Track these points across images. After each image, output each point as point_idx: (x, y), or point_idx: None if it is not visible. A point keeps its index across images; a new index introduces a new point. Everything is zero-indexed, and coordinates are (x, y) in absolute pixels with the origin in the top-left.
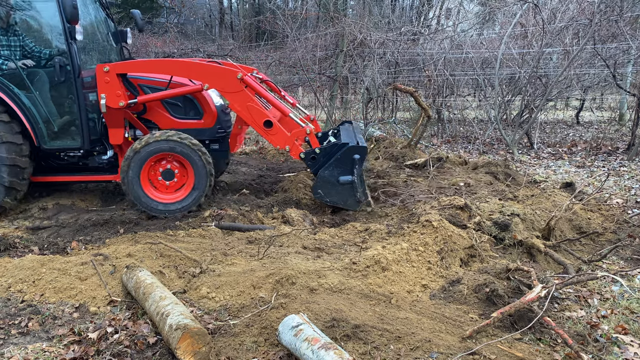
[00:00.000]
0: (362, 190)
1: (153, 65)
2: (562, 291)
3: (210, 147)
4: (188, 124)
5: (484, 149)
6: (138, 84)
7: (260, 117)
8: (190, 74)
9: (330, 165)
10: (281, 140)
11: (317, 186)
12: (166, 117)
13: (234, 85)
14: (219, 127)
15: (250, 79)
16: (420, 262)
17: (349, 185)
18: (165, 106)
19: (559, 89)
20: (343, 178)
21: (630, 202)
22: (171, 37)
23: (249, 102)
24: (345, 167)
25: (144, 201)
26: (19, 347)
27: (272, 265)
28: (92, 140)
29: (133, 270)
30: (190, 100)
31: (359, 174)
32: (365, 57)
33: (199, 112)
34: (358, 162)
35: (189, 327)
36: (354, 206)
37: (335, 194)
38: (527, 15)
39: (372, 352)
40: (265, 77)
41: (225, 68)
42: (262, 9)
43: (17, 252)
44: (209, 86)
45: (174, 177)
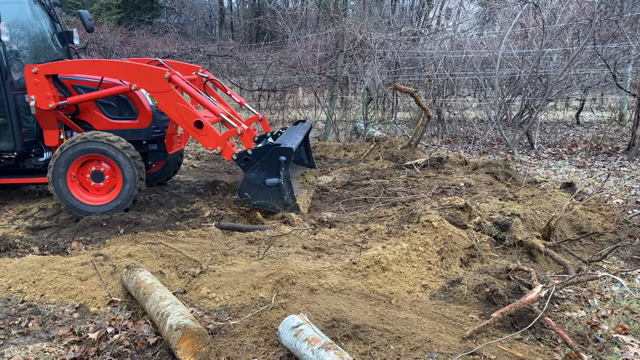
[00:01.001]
0: (290, 193)
1: (82, 66)
2: (562, 291)
3: (148, 147)
4: (123, 124)
5: (484, 149)
6: (71, 85)
7: (190, 118)
8: (118, 74)
9: (256, 167)
10: (212, 141)
11: (244, 188)
12: (101, 118)
13: (162, 85)
14: (154, 127)
15: (179, 78)
16: (420, 262)
17: (276, 188)
18: (100, 107)
19: (559, 89)
20: (269, 180)
21: (630, 202)
22: (171, 37)
23: (177, 102)
24: (272, 169)
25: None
26: (19, 348)
27: (272, 265)
28: (28, 142)
29: (133, 270)
30: (125, 100)
31: (286, 177)
32: (365, 57)
33: (133, 112)
34: (284, 164)
35: (189, 327)
36: (282, 209)
37: (262, 197)
38: (527, 16)
39: (372, 352)
40: (211, 76)
41: (152, 67)
42: (262, 9)
43: (17, 252)
44: (137, 86)
45: (104, 179)
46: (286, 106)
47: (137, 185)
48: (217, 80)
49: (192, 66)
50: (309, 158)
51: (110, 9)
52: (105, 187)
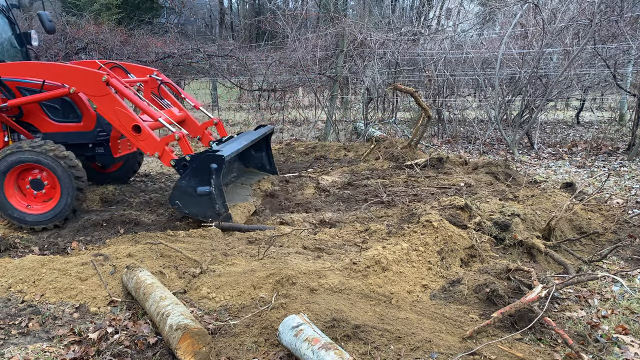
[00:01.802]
0: (222, 203)
1: (23, 68)
2: (562, 291)
3: (95, 150)
4: (68, 127)
5: (484, 149)
6: (16, 87)
7: (128, 122)
8: (57, 77)
9: (187, 174)
10: (151, 146)
11: (174, 196)
12: (46, 121)
13: (99, 88)
14: (99, 130)
15: (117, 82)
16: (420, 262)
17: (207, 197)
18: (44, 110)
19: (559, 89)
20: (200, 189)
21: (630, 202)
22: (171, 37)
23: (115, 106)
24: (203, 177)
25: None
26: (19, 348)
27: (272, 265)
28: None
29: (133, 270)
30: (69, 103)
31: (217, 185)
32: (365, 57)
33: (77, 115)
34: (215, 172)
35: (189, 327)
36: (214, 218)
37: (194, 205)
38: (527, 16)
39: (373, 352)
40: (166, 79)
41: (90, 70)
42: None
43: (17, 252)
44: (75, 89)
45: (43, 187)
46: (286, 106)
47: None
48: (171, 83)
49: (147, 68)
50: (270, 164)
51: (110, 9)
52: (45, 195)
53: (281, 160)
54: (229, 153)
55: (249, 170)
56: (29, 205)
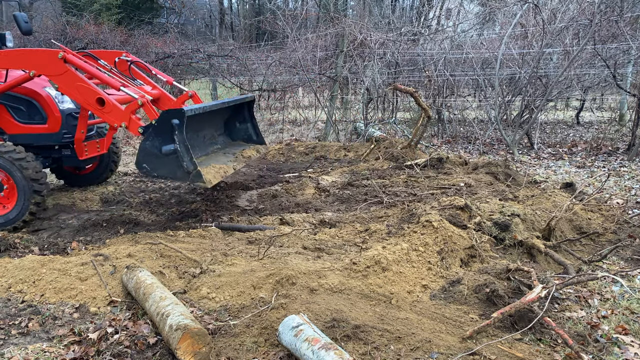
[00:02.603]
0: (189, 159)
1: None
2: (562, 291)
3: (61, 152)
4: (33, 128)
5: (484, 149)
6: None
7: (90, 96)
8: (14, 63)
9: (150, 134)
10: (117, 116)
11: (140, 160)
12: (11, 122)
13: (58, 66)
14: (65, 132)
15: (74, 57)
16: (420, 263)
17: (174, 156)
18: (9, 110)
19: (559, 89)
20: (165, 147)
21: (630, 202)
22: (171, 37)
23: (76, 82)
24: (166, 135)
25: None
26: (19, 348)
27: (272, 265)
28: None
29: (133, 270)
30: (34, 104)
31: (182, 141)
32: (365, 57)
33: (42, 116)
34: (177, 127)
35: (189, 327)
36: (184, 178)
37: (161, 167)
38: (527, 16)
39: (373, 352)
40: (135, 58)
41: (45, 50)
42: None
43: (17, 252)
44: (35, 72)
45: (3, 189)
46: (286, 106)
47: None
48: (141, 62)
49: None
50: (257, 134)
51: (110, 9)
52: (3, 198)
53: (281, 161)
54: (190, 108)
55: (235, 143)
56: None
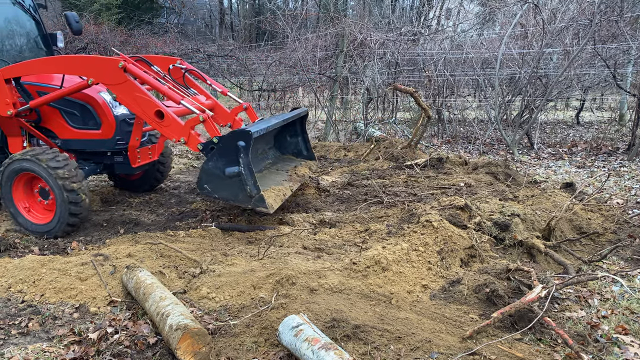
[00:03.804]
0: (253, 183)
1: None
2: (562, 291)
3: (113, 159)
4: (86, 134)
5: (484, 149)
6: (36, 91)
7: (150, 108)
8: (73, 69)
9: (213, 155)
10: (176, 131)
11: (202, 180)
12: (63, 126)
13: (117, 75)
14: (118, 139)
15: (135, 67)
16: (420, 263)
17: (237, 178)
18: (63, 115)
19: (559, 89)
20: (229, 169)
21: (630, 202)
22: (171, 37)
23: (135, 92)
24: (230, 157)
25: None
26: (19, 348)
27: (272, 265)
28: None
29: (133, 270)
30: (88, 109)
31: (247, 164)
32: (365, 57)
33: (96, 122)
34: (243, 150)
35: (189, 327)
36: (245, 202)
37: (223, 189)
38: (527, 16)
39: (372, 352)
40: (189, 67)
41: (105, 58)
42: (262, 10)
43: (17, 252)
44: (93, 80)
45: (49, 196)
46: (286, 106)
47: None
48: (196, 71)
49: (170, 58)
50: (307, 149)
51: (110, 9)
52: (49, 205)
53: None
54: (256, 130)
55: (285, 157)
56: (33, 213)
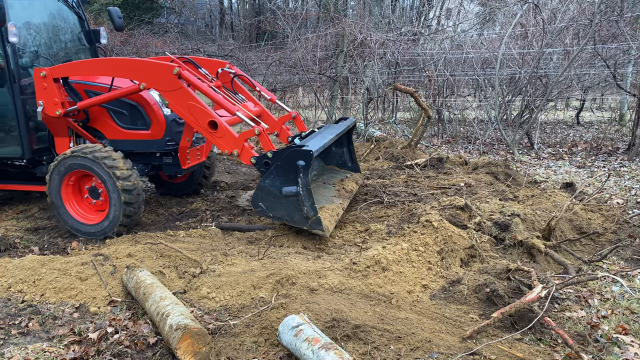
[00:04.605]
0: (310, 204)
1: (90, 65)
2: (562, 291)
3: (162, 160)
4: (135, 134)
5: (484, 149)
6: (83, 90)
7: (203, 118)
8: (126, 73)
9: (271, 173)
10: (229, 143)
11: (257, 198)
12: (112, 127)
13: (171, 82)
14: (168, 140)
15: (190, 75)
16: (420, 263)
17: (295, 198)
18: (112, 115)
19: (559, 89)
20: (286, 189)
21: (630, 202)
22: (171, 37)
23: (189, 100)
24: (289, 176)
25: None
26: (19, 347)
27: (272, 265)
28: (38, 149)
29: (133, 270)
30: (137, 109)
31: (305, 184)
32: (365, 57)
33: (146, 122)
34: (303, 169)
35: (189, 327)
36: (302, 223)
37: (279, 208)
38: (527, 16)
39: (373, 352)
40: (239, 72)
41: (160, 63)
42: (263, 10)
43: (17, 252)
44: (145, 85)
45: (100, 195)
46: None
47: (123, 209)
48: (245, 76)
49: (219, 62)
50: (352, 160)
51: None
52: (101, 205)
53: None
54: (316, 148)
55: (329, 167)
56: (84, 214)
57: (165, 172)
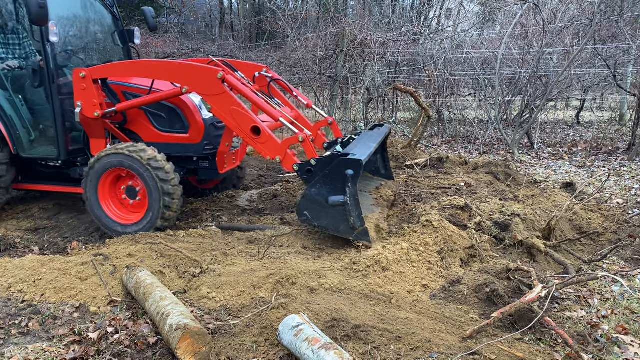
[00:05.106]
0: (357, 215)
1: (131, 67)
2: (562, 291)
3: (199, 164)
4: (172, 137)
5: (484, 149)
6: (121, 91)
7: (246, 123)
8: (168, 76)
9: (318, 181)
10: (272, 149)
11: (302, 206)
12: (149, 129)
13: (215, 87)
14: (206, 144)
15: (233, 79)
16: (420, 262)
17: (341, 208)
18: (149, 117)
19: (559, 89)
20: (333, 198)
21: (630, 202)
22: (171, 37)
23: (232, 105)
24: (337, 185)
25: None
26: (19, 347)
27: (272, 265)
28: (73, 150)
29: (133, 270)
30: (176, 112)
31: (353, 194)
32: (365, 57)
33: (184, 125)
34: (351, 179)
35: (190, 327)
36: (347, 233)
37: (325, 218)
38: (527, 16)
39: (373, 352)
40: (276, 76)
41: (204, 67)
42: (263, 9)
43: (17, 252)
44: (188, 89)
45: (137, 195)
46: None
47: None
48: (282, 81)
49: (256, 65)
50: (386, 168)
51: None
52: (137, 205)
53: None
54: (365, 157)
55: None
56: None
57: (200, 176)
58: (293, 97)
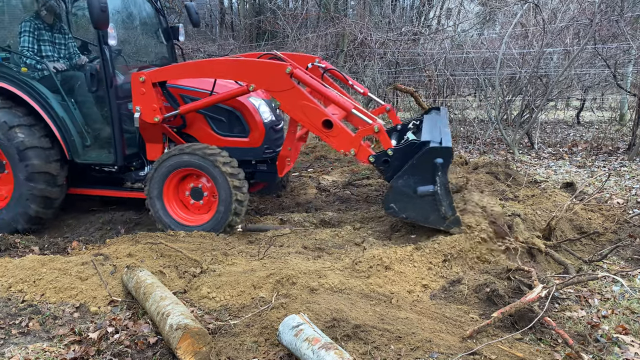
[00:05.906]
0: (448, 204)
1: (191, 68)
2: (562, 291)
3: (257, 167)
4: (232, 141)
5: (484, 149)
6: (179, 94)
7: (317, 117)
8: (232, 74)
9: (405, 172)
10: (345, 142)
11: (390, 198)
12: (208, 133)
13: (283, 82)
14: (266, 147)
15: (301, 72)
16: (421, 262)
17: (431, 198)
18: (208, 121)
19: (559, 89)
20: (422, 188)
21: (630, 202)
22: None
23: (302, 100)
24: (425, 175)
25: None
26: (19, 347)
27: (272, 265)
28: (128, 155)
29: (133, 270)
30: (236, 115)
31: (444, 183)
32: (365, 57)
33: (244, 129)
34: (441, 167)
35: (190, 327)
36: (438, 223)
37: (413, 209)
38: (527, 15)
39: (373, 352)
40: (329, 66)
41: (271, 63)
42: (263, 9)
43: (17, 252)
44: (255, 86)
45: (202, 196)
46: None
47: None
48: (336, 70)
49: (308, 56)
50: None
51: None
52: (204, 206)
53: None
54: (450, 144)
55: None
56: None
57: (257, 180)
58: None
